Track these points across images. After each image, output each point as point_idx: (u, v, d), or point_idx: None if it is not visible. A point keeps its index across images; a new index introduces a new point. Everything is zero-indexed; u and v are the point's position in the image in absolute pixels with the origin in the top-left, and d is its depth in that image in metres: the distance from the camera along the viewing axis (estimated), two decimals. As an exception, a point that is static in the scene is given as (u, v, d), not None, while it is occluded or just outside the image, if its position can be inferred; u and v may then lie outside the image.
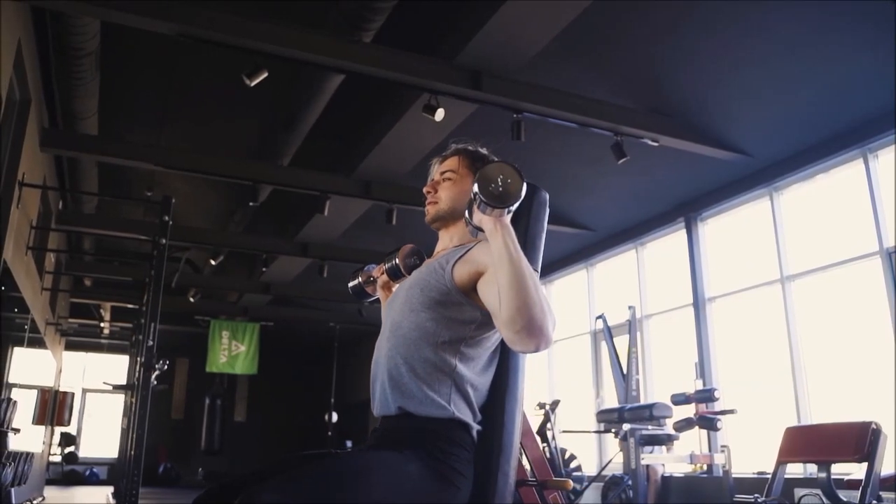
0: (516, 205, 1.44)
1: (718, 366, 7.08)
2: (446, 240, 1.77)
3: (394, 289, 1.99)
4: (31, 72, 5.20)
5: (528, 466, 2.95)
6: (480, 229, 1.52)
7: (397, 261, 1.90)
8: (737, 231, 7.25)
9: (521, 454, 2.06)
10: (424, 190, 1.79)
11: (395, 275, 1.93)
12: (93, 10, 4.62)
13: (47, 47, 5.35)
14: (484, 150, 1.81)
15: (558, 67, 5.58)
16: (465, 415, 1.50)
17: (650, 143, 5.97)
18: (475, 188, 1.43)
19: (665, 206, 7.72)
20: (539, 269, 1.75)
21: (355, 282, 2.10)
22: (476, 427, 1.53)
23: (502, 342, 1.60)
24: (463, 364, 1.53)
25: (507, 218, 1.44)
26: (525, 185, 1.43)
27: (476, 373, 1.55)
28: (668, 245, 8.02)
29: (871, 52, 4.90)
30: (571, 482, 1.62)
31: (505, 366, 1.61)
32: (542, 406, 7.82)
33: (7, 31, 4.35)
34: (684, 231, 7.58)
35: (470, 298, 1.56)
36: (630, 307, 7.65)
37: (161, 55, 6.06)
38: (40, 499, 8.29)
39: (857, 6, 4.55)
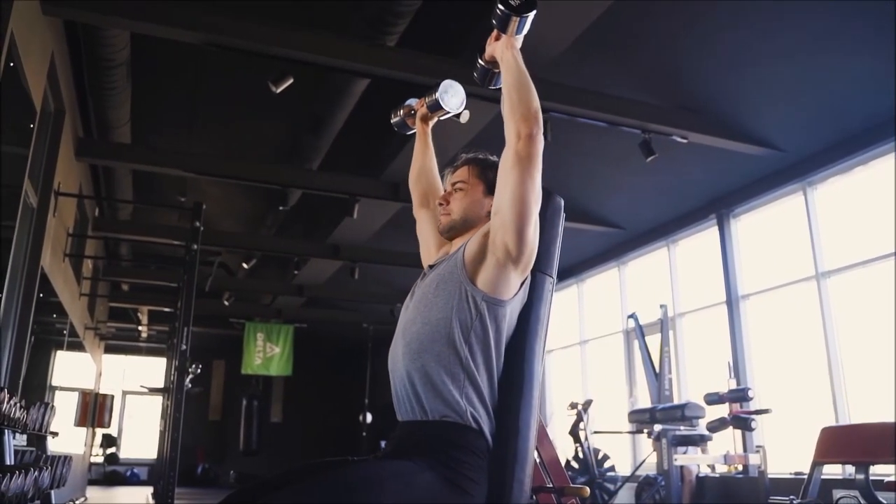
0: (527, 26, 1.65)
1: (753, 364, 6.96)
2: (458, 245, 1.77)
3: (431, 123, 2.12)
4: (64, 83, 5.32)
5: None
6: (493, 64, 1.72)
7: (437, 94, 2.02)
8: (770, 227, 7.12)
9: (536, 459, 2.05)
10: (437, 202, 1.82)
11: (433, 108, 2.05)
12: (122, 23, 4.74)
13: (80, 59, 5.47)
14: (494, 158, 1.82)
15: (582, 66, 5.54)
16: (478, 412, 1.52)
17: (679, 139, 5.90)
18: (497, 4, 1.61)
19: (696, 203, 7.62)
20: (555, 275, 1.75)
21: (397, 117, 2.21)
22: (490, 431, 1.53)
23: (516, 333, 1.62)
24: (473, 356, 1.55)
25: (518, 42, 1.67)
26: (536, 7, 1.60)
27: (487, 367, 1.56)
28: (700, 242, 7.91)
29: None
30: (588, 489, 1.61)
31: (519, 371, 1.60)
32: (574, 406, 7.78)
33: (40, 44, 4.46)
34: (716, 228, 7.47)
35: (474, 282, 1.59)
36: (662, 306, 7.57)
37: (188, 62, 6.16)
38: (82, 499, 8.48)
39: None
